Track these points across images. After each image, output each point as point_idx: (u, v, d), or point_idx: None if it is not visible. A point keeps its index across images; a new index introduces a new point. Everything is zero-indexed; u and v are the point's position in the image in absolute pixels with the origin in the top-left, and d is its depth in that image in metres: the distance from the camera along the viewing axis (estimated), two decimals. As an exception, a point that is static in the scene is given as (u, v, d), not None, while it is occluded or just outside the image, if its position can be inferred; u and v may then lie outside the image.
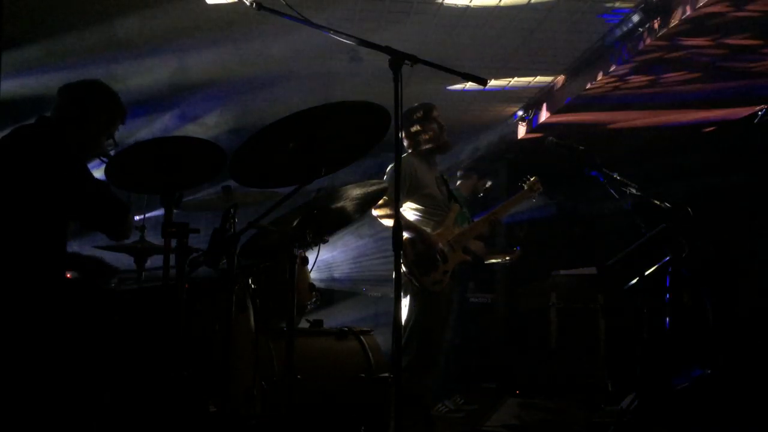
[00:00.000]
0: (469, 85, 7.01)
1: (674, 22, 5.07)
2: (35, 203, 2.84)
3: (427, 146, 4.48)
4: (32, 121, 3.07)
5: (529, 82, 7.12)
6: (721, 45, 5.43)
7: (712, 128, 7.40)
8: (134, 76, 5.91)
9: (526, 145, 8.20)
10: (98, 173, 2.98)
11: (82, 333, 2.76)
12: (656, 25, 5.32)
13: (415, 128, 4.47)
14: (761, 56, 5.58)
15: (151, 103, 6.45)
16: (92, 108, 3.07)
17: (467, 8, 5.35)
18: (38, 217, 2.84)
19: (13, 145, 2.96)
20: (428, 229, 4.33)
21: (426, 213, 4.40)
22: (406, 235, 4.20)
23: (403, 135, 4.49)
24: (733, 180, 6.03)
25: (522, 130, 8.12)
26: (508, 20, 5.59)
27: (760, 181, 5.46)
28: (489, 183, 5.58)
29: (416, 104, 4.55)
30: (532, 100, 7.65)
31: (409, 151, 4.55)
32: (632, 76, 6.14)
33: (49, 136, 2.97)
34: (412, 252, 4.22)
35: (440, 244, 4.29)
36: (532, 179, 4.76)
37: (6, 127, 3.09)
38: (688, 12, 4.88)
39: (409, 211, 4.40)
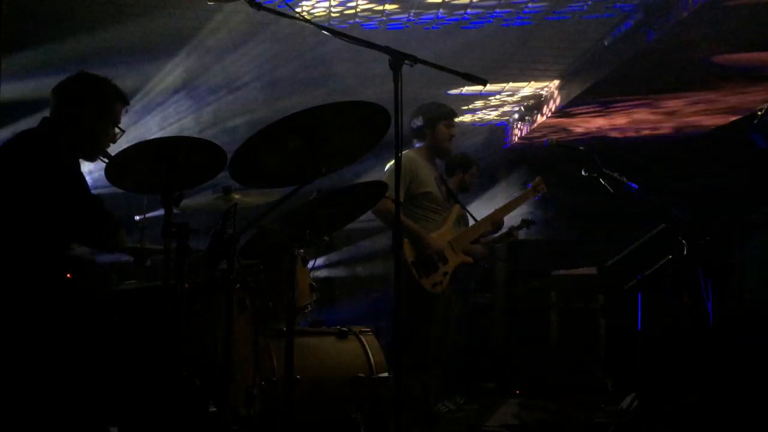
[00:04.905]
0: (467, 89, 7.04)
1: (670, 24, 5.08)
2: (31, 207, 2.85)
3: (434, 144, 4.49)
4: (36, 124, 3.08)
5: (527, 84, 7.15)
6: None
7: (711, 127, 7.42)
8: (136, 79, 5.92)
9: (524, 147, 8.22)
10: (98, 173, 2.98)
11: (82, 333, 2.75)
12: (654, 27, 5.32)
13: (436, 123, 4.49)
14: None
15: (150, 103, 6.45)
16: (85, 100, 3.06)
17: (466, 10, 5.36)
18: (35, 220, 2.85)
19: (14, 149, 2.97)
20: (428, 230, 4.32)
21: (426, 212, 4.39)
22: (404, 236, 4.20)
23: (422, 124, 4.53)
24: (732, 180, 6.03)
25: (520, 132, 8.14)
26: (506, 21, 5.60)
27: (760, 181, 5.47)
28: (473, 168, 5.51)
29: (444, 104, 4.61)
30: (530, 103, 7.67)
31: (416, 145, 4.54)
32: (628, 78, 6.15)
33: (46, 142, 2.97)
34: (412, 253, 4.20)
35: (440, 246, 4.27)
36: (536, 179, 4.78)
37: (6, 130, 3.09)
38: (686, 13, 4.89)
39: (409, 210, 4.38)
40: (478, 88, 6.77)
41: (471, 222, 4.81)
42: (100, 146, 3.12)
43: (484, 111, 8.01)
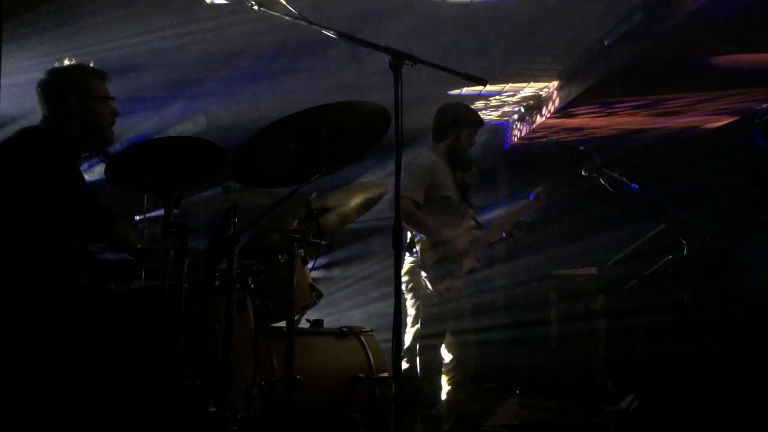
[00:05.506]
0: (466, 90, 7.04)
1: (670, 24, 5.08)
2: (31, 205, 2.85)
3: (454, 146, 4.46)
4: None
5: (527, 85, 7.15)
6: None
7: (711, 127, 7.43)
8: (136, 79, 5.92)
9: (524, 147, 8.22)
10: (98, 173, 2.97)
11: (82, 333, 2.75)
12: (654, 27, 5.32)
13: (462, 128, 4.45)
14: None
15: (149, 102, 6.46)
16: (66, 93, 3.04)
17: (466, 9, 5.35)
18: (35, 219, 2.85)
19: (13, 147, 2.97)
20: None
21: (441, 215, 4.35)
22: (425, 237, 4.20)
23: (450, 123, 4.44)
24: (732, 180, 6.03)
25: (519, 133, 8.14)
26: (505, 23, 5.59)
27: (759, 181, 5.47)
28: (474, 169, 5.48)
29: (474, 110, 4.64)
30: (530, 104, 7.67)
31: (433, 143, 4.51)
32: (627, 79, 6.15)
33: (45, 141, 2.97)
34: (433, 256, 4.19)
35: (464, 250, 4.28)
36: (537, 190, 4.75)
37: (6, 129, 3.08)
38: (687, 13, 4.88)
39: (426, 212, 4.30)
40: (478, 88, 6.77)
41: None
42: (105, 125, 3.09)
43: (484, 111, 8.01)
